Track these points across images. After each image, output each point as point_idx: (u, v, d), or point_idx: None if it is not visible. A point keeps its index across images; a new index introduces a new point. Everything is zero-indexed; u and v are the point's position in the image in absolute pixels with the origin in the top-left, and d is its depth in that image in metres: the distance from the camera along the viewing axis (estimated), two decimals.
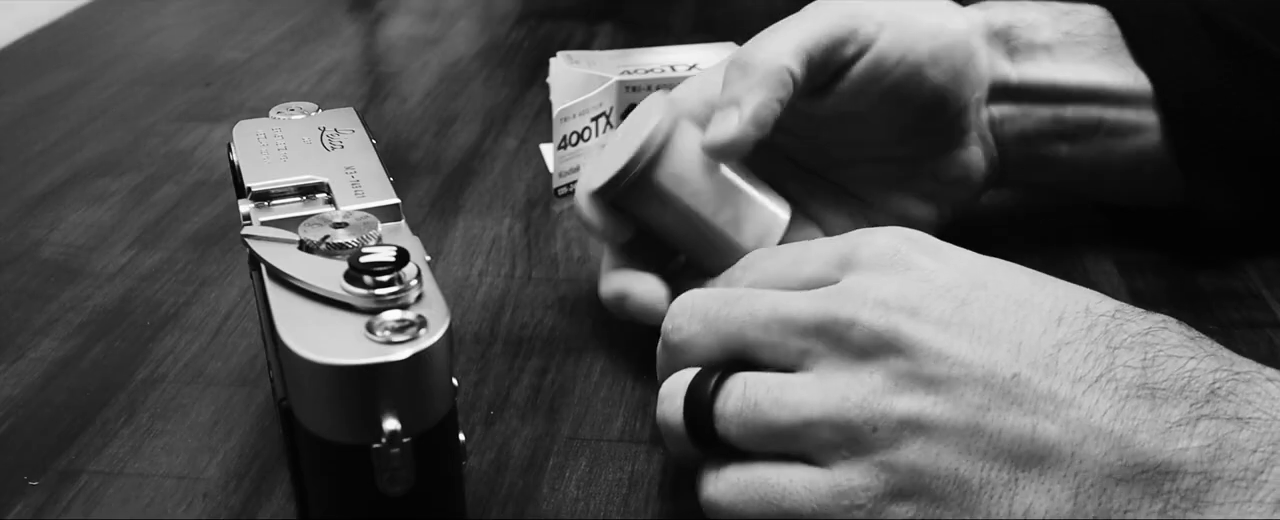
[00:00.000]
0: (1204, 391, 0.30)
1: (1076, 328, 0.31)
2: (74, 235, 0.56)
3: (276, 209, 0.35)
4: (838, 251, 0.35)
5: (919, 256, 0.33)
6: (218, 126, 0.68)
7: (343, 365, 0.29)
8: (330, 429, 0.30)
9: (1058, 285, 0.33)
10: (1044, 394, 0.30)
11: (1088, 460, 0.29)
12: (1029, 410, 0.30)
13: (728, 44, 0.63)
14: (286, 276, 0.32)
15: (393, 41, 0.85)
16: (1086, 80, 0.47)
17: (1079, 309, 0.32)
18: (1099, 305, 0.32)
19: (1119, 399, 0.30)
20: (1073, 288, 0.33)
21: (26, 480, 0.39)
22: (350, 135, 0.39)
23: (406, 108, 0.71)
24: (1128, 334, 0.31)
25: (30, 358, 0.46)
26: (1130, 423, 0.29)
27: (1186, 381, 0.30)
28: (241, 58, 0.80)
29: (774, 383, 0.33)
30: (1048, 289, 0.33)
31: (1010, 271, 0.34)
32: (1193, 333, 0.32)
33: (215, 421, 0.42)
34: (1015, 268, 0.34)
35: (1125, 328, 0.31)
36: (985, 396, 0.30)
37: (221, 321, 0.49)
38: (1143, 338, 0.31)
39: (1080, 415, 0.30)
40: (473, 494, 0.38)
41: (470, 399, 0.43)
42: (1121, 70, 0.47)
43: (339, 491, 0.31)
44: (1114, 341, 0.31)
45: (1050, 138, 0.48)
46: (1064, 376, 0.30)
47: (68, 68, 0.78)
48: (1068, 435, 0.29)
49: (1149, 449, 0.29)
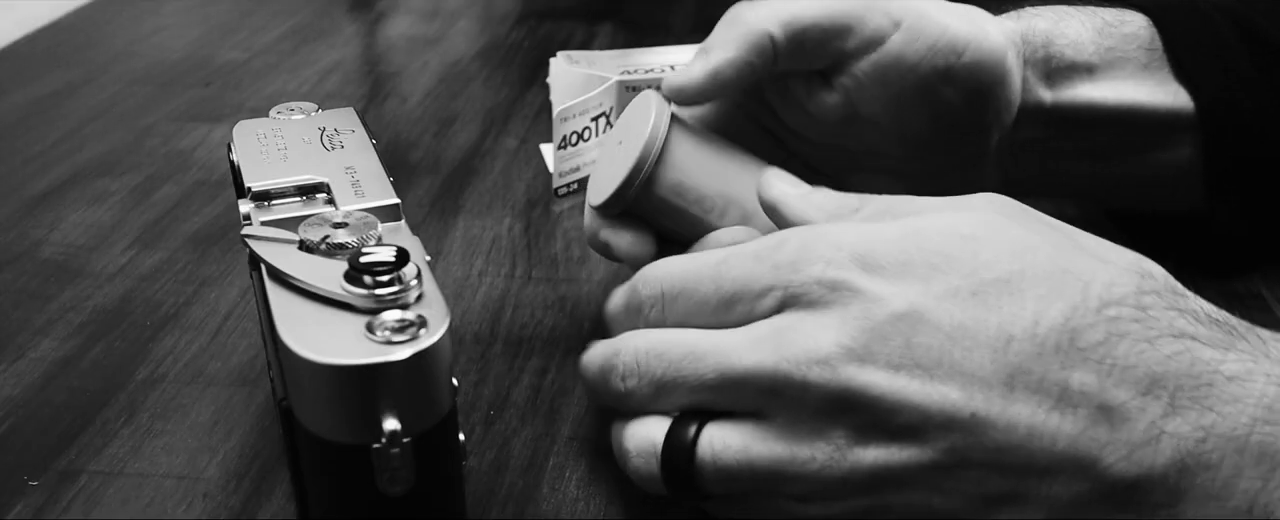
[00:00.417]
0: (1165, 403, 0.29)
1: (1026, 350, 0.30)
2: (74, 235, 0.56)
3: (276, 209, 0.35)
4: (768, 283, 0.33)
5: (859, 279, 0.31)
6: (218, 126, 0.68)
7: (343, 365, 0.29)
8: (330, 429, 0.30)
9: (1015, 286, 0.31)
10: (1003, 427, 0.30)
11: (1056, 488, 0.30)
12: (991, 450, 0.30)
13: None
14: (286, 276, 0.32)
15: (393, 41, 0.85)
16: (1124, 100, 0.45)
17: (1028, 323, 0.30)
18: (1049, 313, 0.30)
19: (1079, 423, 0.30)
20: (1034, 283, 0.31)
21: (26, 480, 0.39)
22: (350, 135, 0.39)
23: (406, 108, 0.71)
24: (1086, 342, 0.30)
25: (30, 358, 0.46)
26: (1093, 446, 0.29)
27: (1147, 388, 0.29)
28: (241, 58, 0.80)
29: (740, 443, 0.33)
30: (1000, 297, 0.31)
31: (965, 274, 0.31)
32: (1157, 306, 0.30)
33: (215, 421, 0.42)
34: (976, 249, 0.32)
35: (1084, 336, 0.30)
36: (947, 440, 0.30)
37: (221, 321, 0.49)
38: (1099, 348, 0.30)
39: (1043, 445, 0.30)
40: (473, 494, 0.38)
41: (470, 399, 0.43)
42: (1161, 89, 0.45)
43: (339, 491, 0.31)
44: (1068, 359, 0.30)
45: (1076, 157, 0.46)
46: (1021, 405, 0.30)
47: (68, 68, 0.78)
48: (1033, 465, 0.30)
49: (1115, 471, 0.29)
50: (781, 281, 0.32)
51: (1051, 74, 0.45)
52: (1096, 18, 0.46)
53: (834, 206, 0.37)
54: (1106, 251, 0.32)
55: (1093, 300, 0.30)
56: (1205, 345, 0.30)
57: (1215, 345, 0.30)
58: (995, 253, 0.31)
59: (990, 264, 0.31)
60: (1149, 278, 0.31)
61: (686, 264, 0.35)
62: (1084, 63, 0.45)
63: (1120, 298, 0.30)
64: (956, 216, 0.33)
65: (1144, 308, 0.30)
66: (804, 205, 0.37)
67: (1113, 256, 0.32)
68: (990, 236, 0.32)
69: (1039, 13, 0.45)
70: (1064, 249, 0.32)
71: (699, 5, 0.91)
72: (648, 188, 0.40)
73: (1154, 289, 0.31)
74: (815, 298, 0.32)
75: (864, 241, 0.32)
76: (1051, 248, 0.32)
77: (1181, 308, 0.31)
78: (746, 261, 0.33)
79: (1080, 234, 0.34)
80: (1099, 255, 0.32)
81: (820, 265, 0.32)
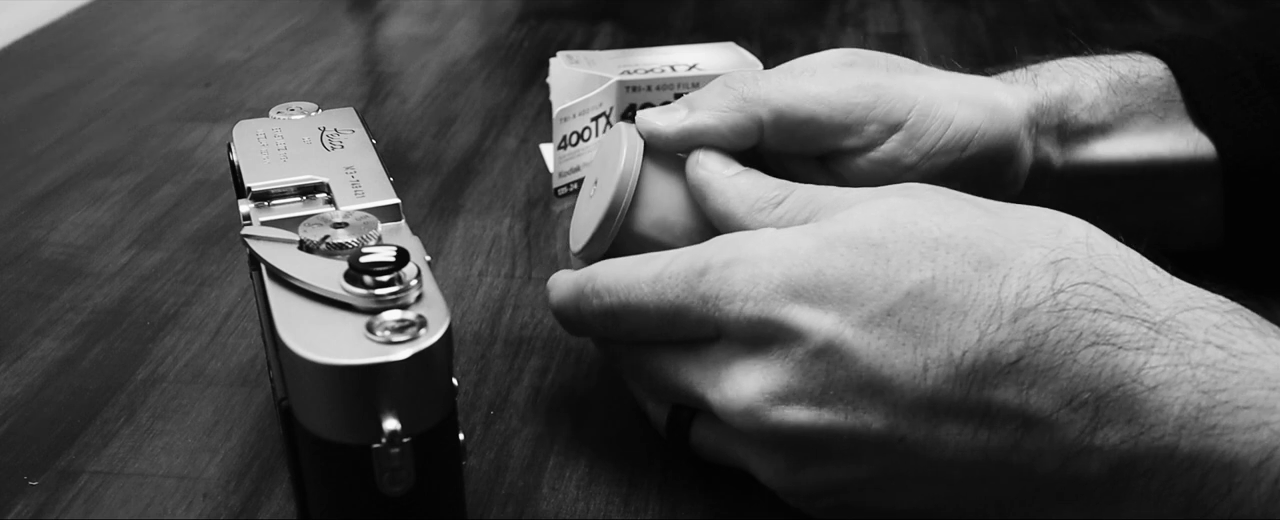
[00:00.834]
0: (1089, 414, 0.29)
1: (944, 375, 0.30)
2: (74, 235, 0.56)
3: (276, 209, 0.35)
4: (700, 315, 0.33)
5: (778, 313, 0.32)
6: (218, 126, 0.68)
7: (343, 365, 0.29)
8: (330, 429, 0.30)
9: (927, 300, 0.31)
10: (933, 447, 0.31)
11: (997, 490, 0.31)
12: (927, 465, 0.31)
13: (728, 44, 0.63)
14: (286, 276, 0.32)
15: (393, 41, 0.85)
16: (1141, 154, 0.44)
17: (943, 347, 0.30)
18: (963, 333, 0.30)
19: (1008, 438, 0.30)
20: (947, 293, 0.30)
21: (26, 480, 0.39)
22: (350, 135, 0.39)
23: (406, 108, 0.71)
24: (1003, 360, 0.30)
25: (30, 358, 0.46)
26: (1025, 457, 0.30)
27: (1070, 399, 0.29)
28: (241, 58, 0.80)
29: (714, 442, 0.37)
30: (913, 316, 0.30)
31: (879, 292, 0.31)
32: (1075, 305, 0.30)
33: (215, 421, 0.42)
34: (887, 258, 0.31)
35: (1001, 353, 0.30)
36: (882, 459, 0.31)
37: (221, 321, 0.49)
38: (1017, 364, 0.29)
39: (976, 459, 0.30)
40: (473, 494, 0.38)
41: (470, 399, 0.43)
42: (1181, 138, 0.44)
43: (339, 491, 0.31)
44: (987, 379, 0.30)
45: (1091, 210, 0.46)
46: (948, 427, 0.30)
47: (68, 68, 0.78)
48: (971, 476, 0.31)
49: (1052, 477, 0.30)
50: (710, 316, 0.33)
51: (1066, 138, 0.44)
52: (1111, 72, 0.45)
53: (756, 196, 0.36)
54: (1022, 231, 0.32)
55: (1006, 311, 0.30)
56: (1125, 350, 0.29)
57: (1136, 347, 0.29)
58: (906, 258, 0.31)
59: (901, 275, 0.31)
60: (1067, 265, 0.30)
61: (627, 279, 0.35)
62: (1099, 124, 0.44)
63: (1036, 303, 0.30)
64: (867, 218, 0.33)
65: (1060, 309, 0.30)
66: (728, 192, 0.37)
67: (1029, 237, 0.31)
68: (900, 241, 0.32)
69: (1054, 76, 0.44)
70: (977, 240, 0.31)
71: (699, 5, 0.91)
72: (628, 227, 0.39)
73: (1072, 281, 0.30)
74: (740, 336, 0.33)
75: (780, 269, 0.32)
76: (964, 243, 0.31)
77: (1100, 302, 0.30)
78: (677, 285, 0.34)
79: (994, 209, 0.33)
80: (1014, 239, 0.31)
81: (740, 303, 0.32)
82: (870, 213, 0.33)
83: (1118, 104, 0.44)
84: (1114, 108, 0.44)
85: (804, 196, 0.36)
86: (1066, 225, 0.32)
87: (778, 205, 0.36)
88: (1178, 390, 0.28)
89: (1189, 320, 0.30)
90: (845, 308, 0.31)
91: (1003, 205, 0.33)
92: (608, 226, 0.39)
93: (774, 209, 0.36)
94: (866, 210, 0.33)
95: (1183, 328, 0.29)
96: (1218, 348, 0.29)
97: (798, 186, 0.36)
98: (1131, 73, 0.45)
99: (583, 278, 0.37)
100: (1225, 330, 0.29)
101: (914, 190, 0.34)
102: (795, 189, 0.36)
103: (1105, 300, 0.30)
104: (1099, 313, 0.30)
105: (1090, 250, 0.31)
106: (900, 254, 0.31)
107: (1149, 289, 0.31)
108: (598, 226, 0.39)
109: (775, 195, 0.36)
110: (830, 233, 0.33)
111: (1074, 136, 0.44)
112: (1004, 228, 0.32)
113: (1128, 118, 0.44)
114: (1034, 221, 0.32)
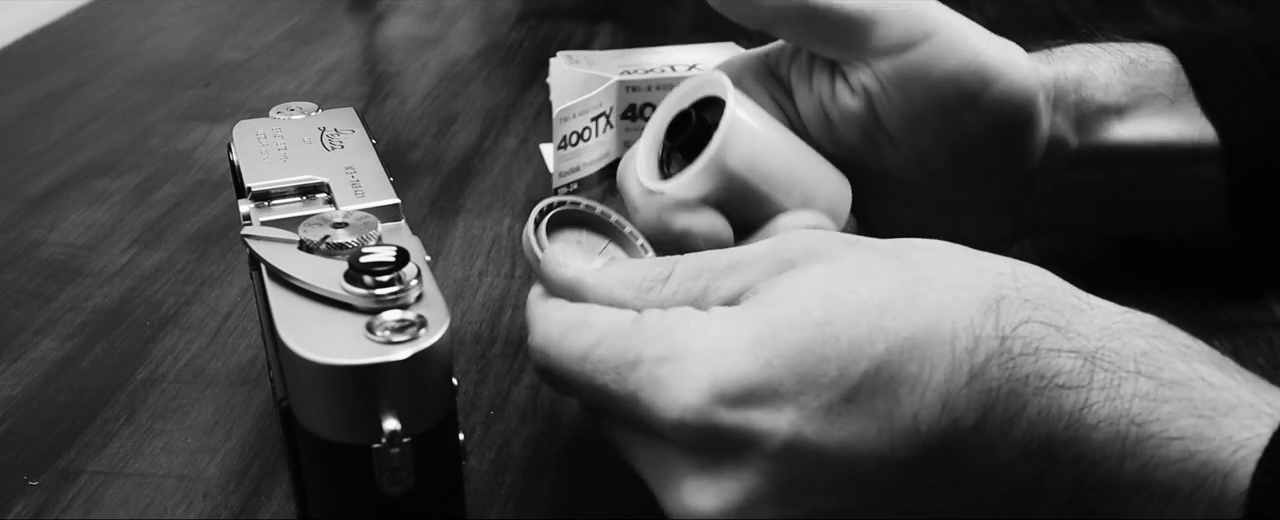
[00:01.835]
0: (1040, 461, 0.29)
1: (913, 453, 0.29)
2: (74, 235, 0.56)
3: (276, 209, 0.35)
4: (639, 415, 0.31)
5: (724, 420, 0.29)
6: (218, 126, 0.68)
7: (343, 365, 0.29)
8: (330, 429, 0.30)
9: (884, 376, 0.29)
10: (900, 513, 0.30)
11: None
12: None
13: (728, 44, 0.63)
14: (286, 276, 0.32)
15: (393, 41, 0.85)
16: (1151, 137, 0.44)
17: (907, 424, 0.29)
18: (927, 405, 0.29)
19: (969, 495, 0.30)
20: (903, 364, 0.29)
21: (26, 480, 0.40)
22: (350, 135, 0.39)
23: (406, 108, 0.71)
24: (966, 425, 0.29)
25: (30, 358, 0.46)
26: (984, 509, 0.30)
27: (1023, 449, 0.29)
28: (241, 58, 0.80)
29: None
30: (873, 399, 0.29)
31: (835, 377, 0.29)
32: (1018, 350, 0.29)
33: (215, 421, 0.42)
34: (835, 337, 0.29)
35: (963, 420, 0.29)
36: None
37: (221, 321, 0.49)
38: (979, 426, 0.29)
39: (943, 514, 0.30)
40: (473, 494, 0.38)
41: (470, 399, 0.43)
42: (1188, 123, 0.44)
43: (339, 491, 0.31)
44: (953, 450, 0.29)
45: (1100, 198, 0.45)
46: (916, 498, 0.30)
47: (68, 68, 0.78)
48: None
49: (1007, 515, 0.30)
50: (648, 417, 0.30)
51: (1081, 119, 0.44)
52: (1123, 56, 0.45)
53: (639, 278, 0.33)
54: (948, 277, 0.31)
55: (962, 372, 0.29)
56: (1067, 389, 0.29)
57: (1076, 384, 0.29)
58: (856, 334, 0.29)
59: (855, 354, 0.29)
60: (1004, 304, 0.30)
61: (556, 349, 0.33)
62: (1114, 104, 0.44)
63: (987, 357, 0.29)
64: (801, 294, 0.30)
65: (1009, 357, 0.29)
66: (606, 284, 0.34)
67: (958, 281, 0.30)
68: (845, 315, 0.30)
69: (1068, 55, 0.44)
70: (916, 299, 0.30)
71: (699, 5, 0.90)
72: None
73: (1014, 323, 0.30)
74: (686, 445, 0.30)
75: (723, 369, 0.29)
76: (906, 306, 0.30)
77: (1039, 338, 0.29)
78: (607, 373, 0.31)
79: (912, 259, 0.32)
80: (949, 287, 0.30)
81: (678, 411, 0.29)
82: (801, 288, 0.31)
83: (1131, 85, 0.44)
84: (1127, 89, 0.44)
85: (690, 268, 0.33)
86: (987, 262, 0.31)
87: (666, 281, 0.33)
88: (1117, 425, 0.29)
89: (1118, 348, 0.29)
90: (801, 400, 0.29)
91: (908, 245, 0.32)
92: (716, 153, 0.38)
93: (663, 286, 0.33)
94: (796, 285, 0.31)
95: (1114, 356, 0.29)
96: (1147, 377, 0.29)
97: (678, 259, 0.34)
98: (1141, 58, 0.45)
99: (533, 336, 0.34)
100: (1152, 357, 0.29)
101: (824, 251, 0.32)
102: (678, 261, 0.34)
103: (1043, 335, 0.29)
104: (1040, 351, 0.29)
105: (1017, 281, 0.31)
106: (849, 330, 0.29)
107: (1076, 315, 0.30)
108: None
109: (659, 272, 0.33)
110: (768, 317, 0.30)
111: (1089, 117, 0.44)
112: (931, 276, 0.31)
113: (1141, 100, 0.44)
114: (952, 263, 0.31)
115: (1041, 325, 0.30)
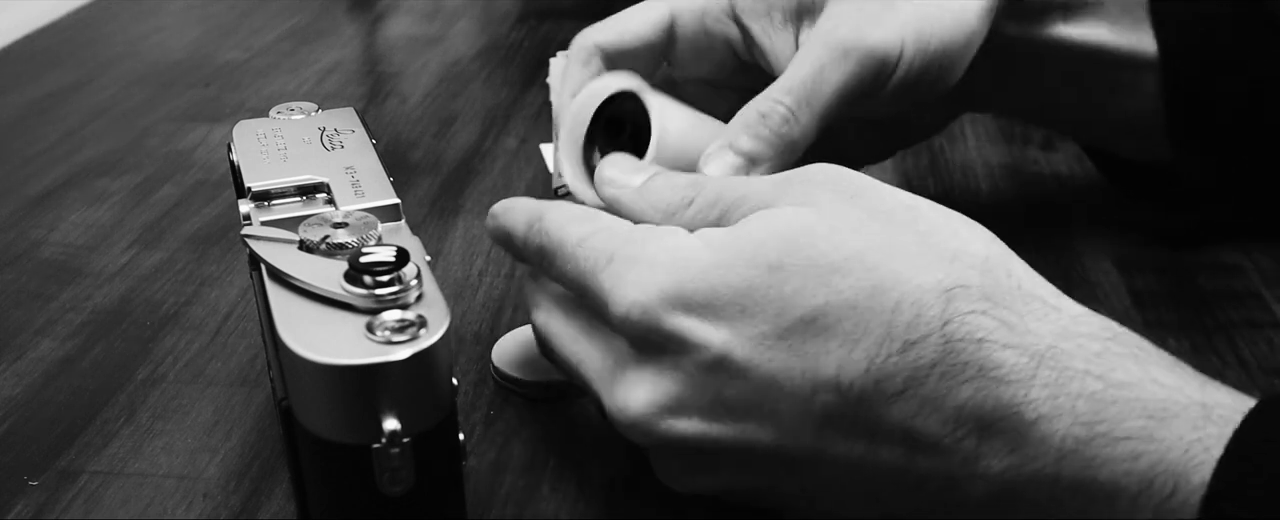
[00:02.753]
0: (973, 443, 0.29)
1: (831, 400, 0.30)
2: (74, 235, 0.56)
3: (276, 209, 0.35)
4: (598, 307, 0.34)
5: (667, 323, 0.32)
6: (218, 126, 0.68)
7: (343, 365, 0.29)
8: (330, 429, 0.30)
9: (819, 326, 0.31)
10: (825, 464, 0.31)
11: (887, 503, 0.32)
12: (816, 480, 0.32)
13: None
14: (286, 276, 0.32)
15: (393, 41, 0.85)
16: (1089, 39, 0.46)
17: (831, 373, 0.30)
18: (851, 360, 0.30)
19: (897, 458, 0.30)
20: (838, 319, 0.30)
21: (26, 480, 0.40)
22: (350, 135, 0.39)
23: (406, 108, 0.72)
24: (890, 389, 0.30)
25: (30, 358, 0.46)
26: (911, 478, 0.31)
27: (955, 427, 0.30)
28: (241, 58, 0.80)
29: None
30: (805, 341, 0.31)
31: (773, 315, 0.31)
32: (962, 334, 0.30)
33: (215, 421, 0.42)
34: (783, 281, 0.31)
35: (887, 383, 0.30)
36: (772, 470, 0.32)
37: (221, 321, 0.49)
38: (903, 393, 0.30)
39: (866, 475, 0.31)
40: (473, 494, 0.38)
41: (470, 399, 0.43)
42: (1132, 32, 0.46)
43: (339, 491, 0.31)
44: (874, 405, 0.30)
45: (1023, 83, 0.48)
46: (837, 447, 0.31)
47: (68, 68, 0.78)
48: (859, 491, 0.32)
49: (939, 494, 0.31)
50: (606, 311, 0.33)
51: (1024, 13, 0.45)
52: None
53: (666, 202, 0.36)
54: (920, 250, 0.31)
55: (895, 341, 0.30)
56: (1007, 382, 0.29)
57: (1017, 379, 0.29)
58: (801, 281, 0.31)
59: (796, 301, 0.31)
60: (959, 293, 0.30)
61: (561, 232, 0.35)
62: (1059, 2, 0.46)
63: (925, 333, 0.30)
64: (767, 234, 0.32)
65: (947, 340, 0.30)
66: (639, 204, 0.36)
67: (924, 258, 0.31)
68: (797, 264, 0.31)
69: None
70: (874, 265, 0.31)
71: None
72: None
73: (962, 310, 0.30)
74: (631, 339, 0.33)
75: (674, 278, 0.32)
76: (859, 269, 0.31)
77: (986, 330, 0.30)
78: (589, 260, 0.34)
79: (898, 219, 0.32)
80: (911, 260, 0.31)
81: (627, 307, 0.32)
82: (771, 226, 0.32)
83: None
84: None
85: (710, 195, 0.35)
86: (967, 244, 0.31)
87: (688, 207, 0.35)
88: (1059, 422, 0.29)
89: (1070, 349, 0.30)
90: (737, 325, 0.31)
91: (907, 209, 0.33)
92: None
93: (686, 210, 0.35)
94: (767, 223, 0.32)
95: (1064, 357, 0.29)
96: (1096, 378, 0.29)
97: (706, 184, 0.36)
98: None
99: (536, 211, 0.37)
100: (1105, 359, 0.29)
101: (816, 194, 0.33)
102: (703, 187, 0.35)
103: (991, 329, 0.30)
104: (984, 342, 0.30)
105: (985, 274, 0.31)
106: (796, 278, 0.31)
107: (1035, 315, 0.30)
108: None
109: (685, 196, 0.36)
110: (730, 247, 0.32)
111: (1032, 14, 0.46)
112: (902, 247, 0.31)
113: (1088, 4, 0.46)
114: (935, 239, 0.32)
115: (991, 319, 0.30)
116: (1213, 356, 0.45)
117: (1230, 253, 0.52)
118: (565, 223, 0.35)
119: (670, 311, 0.32)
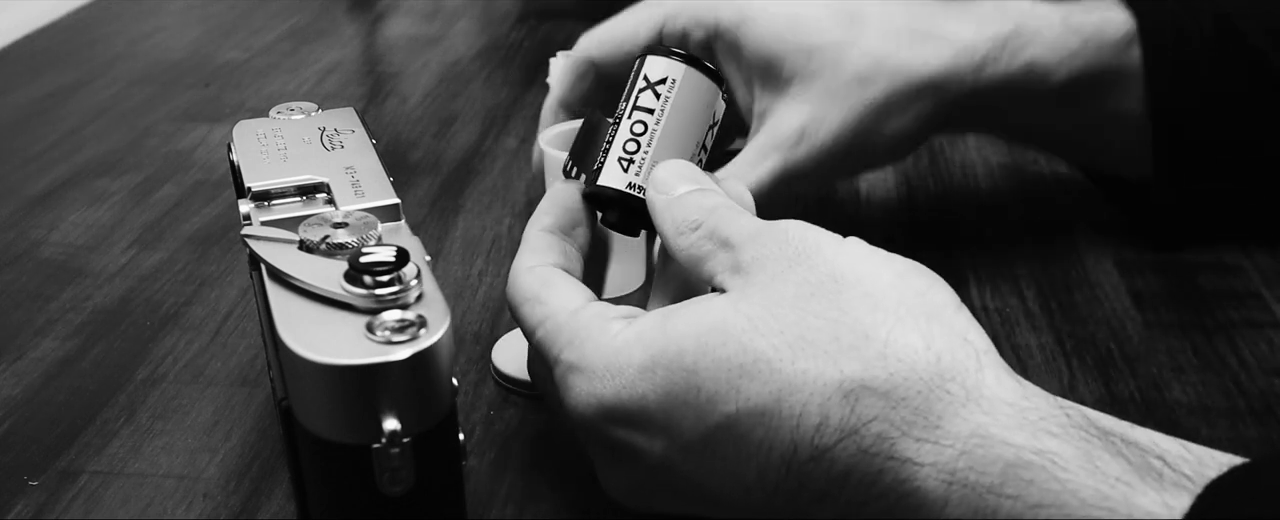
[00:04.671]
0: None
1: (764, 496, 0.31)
2: (74, 235, 0.56)
3: (276, 209, 0.35)
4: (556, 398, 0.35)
5: (619, 434, 0.33)
6: (218, 126, 0.68)
7: (343, 365, 0.29)
8: (330, 429, 0.30)
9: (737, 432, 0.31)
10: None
11: None
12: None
13: None
14: (286, 276, 0.32)
15: (393, 41, 0.85)
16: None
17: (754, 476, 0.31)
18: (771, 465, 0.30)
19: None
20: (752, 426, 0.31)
21: (26, 480, 0.40)
22: (350, 135, 0.39)
23: (406, 108, 0.72)
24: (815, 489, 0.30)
25: (30, 358, 0.46)
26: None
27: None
28: (241, 58, 0.80)
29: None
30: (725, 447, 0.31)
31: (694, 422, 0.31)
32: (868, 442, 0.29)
33: (215, 421, 0.42)
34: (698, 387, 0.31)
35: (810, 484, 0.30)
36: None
37: (221, 321, 0.49)
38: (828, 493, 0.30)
39: None
40: (473, 494, 0.38)
41: (470, 399, 0.43)
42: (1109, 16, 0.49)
43: (339, 491, 0.31)
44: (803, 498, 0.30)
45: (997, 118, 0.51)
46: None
47: (68, 68, 0.78)
48: None
49: None
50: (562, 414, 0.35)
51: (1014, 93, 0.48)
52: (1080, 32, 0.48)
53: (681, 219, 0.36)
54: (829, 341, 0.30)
55: (804, 449, 0.30)
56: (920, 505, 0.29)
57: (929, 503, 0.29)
58: (714, 387, 0.31)
59: (709, 409, 0.31)
60: (863, 394, 0.29)
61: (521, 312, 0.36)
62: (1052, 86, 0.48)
63: (833, 441, 0.29)
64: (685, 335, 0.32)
65: (860, 449, 0.29)
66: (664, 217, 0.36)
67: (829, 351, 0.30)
68: (709, 368, 0.31)
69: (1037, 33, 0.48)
70: (781, 364, 0.30)
71: None
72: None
73: (866, 418, 0.29)
74: (588, 441, 0.35)
75: (610, 391, 0.32)
76: (766, 371, 0.30)
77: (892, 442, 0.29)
78: (538, 350, 0.35)
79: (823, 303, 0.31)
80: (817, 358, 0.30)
81: (577, 418, 0.34)
82: (690, 322, 0.32)
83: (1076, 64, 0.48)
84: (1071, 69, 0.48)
85: (709, 229, 0.35)
86: (881, 324, 0.31)
87: (695, 230, 0.35)
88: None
89: (985, 460, 0.28)
90: (669, 433, 0.32)
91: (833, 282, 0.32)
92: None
93: (692, 233, 0.35)
94: (689, 319, 0.32)
95: (975, 475, 0.28)
96: (1010, 498, 0.28)
97: (716, 211, 0.35)
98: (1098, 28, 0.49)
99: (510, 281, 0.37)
100: (1018, 471, 0.28)
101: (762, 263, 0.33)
102: (711, 214, 0.35)
103: (895, 439, 0.29)
104: (893, 457, 0.29)
105: (890, 367, 0.30)
106: (709, 383, 0.31)
107: (947, 414, 0.29)
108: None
109: (694, 220, 0.35)
110: (655, 345, 0.32)
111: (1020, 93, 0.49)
112: (812, 337, 0.31)
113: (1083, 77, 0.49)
114: (847, 321, 0.31)
115: (893, 428, 0.29)
116: (1213, 356, 0.45)
117: (1230, 253, 0.52)
118: (521, 304, 0.36)
119: (610, 425, 0.33)
